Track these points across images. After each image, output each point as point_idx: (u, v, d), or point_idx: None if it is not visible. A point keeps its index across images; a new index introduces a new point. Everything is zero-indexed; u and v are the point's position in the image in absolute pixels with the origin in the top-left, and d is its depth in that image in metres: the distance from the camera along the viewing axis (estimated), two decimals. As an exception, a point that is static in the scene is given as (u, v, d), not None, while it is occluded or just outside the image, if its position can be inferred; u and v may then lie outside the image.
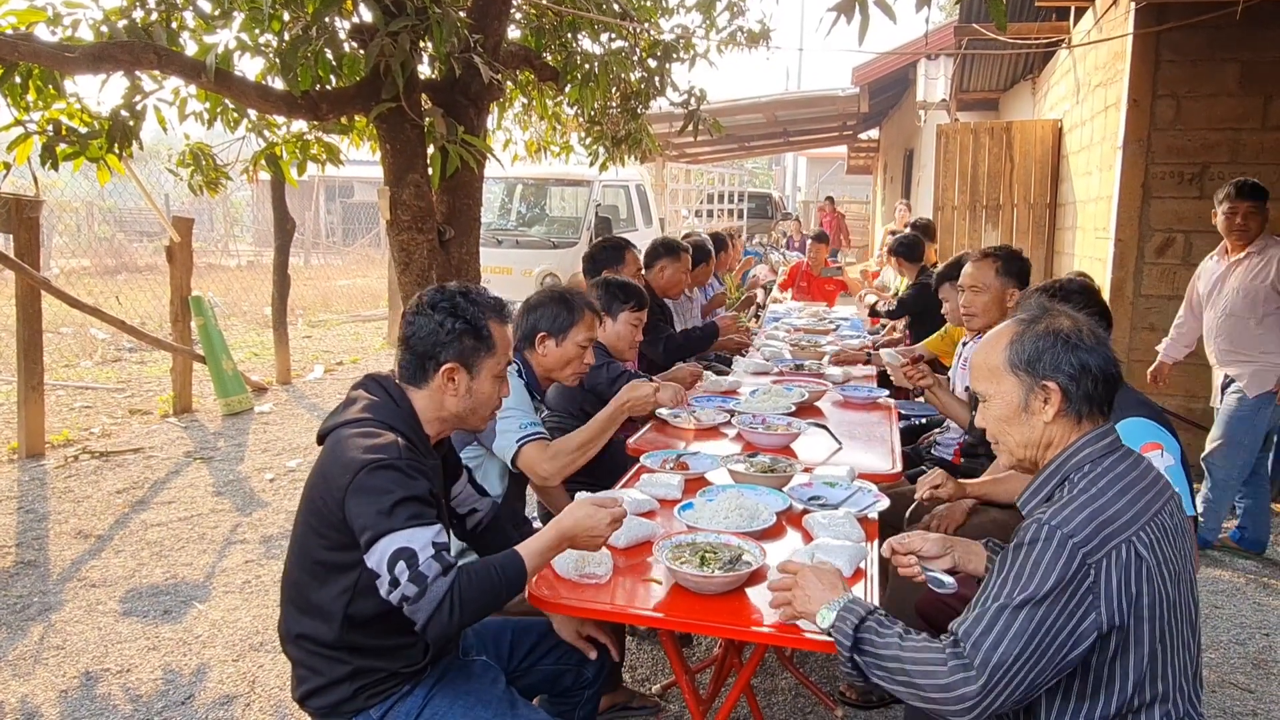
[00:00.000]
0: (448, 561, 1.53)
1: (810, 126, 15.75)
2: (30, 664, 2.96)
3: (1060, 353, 1.47)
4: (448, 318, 1.75)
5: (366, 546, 1.52)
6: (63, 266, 12.75)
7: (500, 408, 1.89)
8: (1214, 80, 4.69)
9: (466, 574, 1.54)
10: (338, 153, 4.37)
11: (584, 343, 2.56)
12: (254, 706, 2.72)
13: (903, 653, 1.37)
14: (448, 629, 1.51)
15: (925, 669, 1.34)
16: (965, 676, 1.31)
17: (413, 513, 1.53)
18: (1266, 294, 3.69)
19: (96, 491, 4.69)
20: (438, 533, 1.54)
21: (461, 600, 1.51)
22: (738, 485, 2.37)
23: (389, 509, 1.51)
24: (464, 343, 1.75)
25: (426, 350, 1.75)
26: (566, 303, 2.56)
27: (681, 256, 4.36)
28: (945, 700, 1.32)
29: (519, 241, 9.82)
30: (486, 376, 1.78)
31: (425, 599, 1.48)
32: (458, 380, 1.75)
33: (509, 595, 1.60)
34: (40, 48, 2.84)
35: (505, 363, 1.82)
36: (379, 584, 1.52)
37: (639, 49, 4.61)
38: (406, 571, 1.48)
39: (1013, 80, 9.33)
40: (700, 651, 3.05)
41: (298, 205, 13.69)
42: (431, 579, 1.49)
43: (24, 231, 5.17)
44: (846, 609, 1.46)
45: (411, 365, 1.77)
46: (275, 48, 3.42)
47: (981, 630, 1.33)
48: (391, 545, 1.50)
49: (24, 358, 5.21)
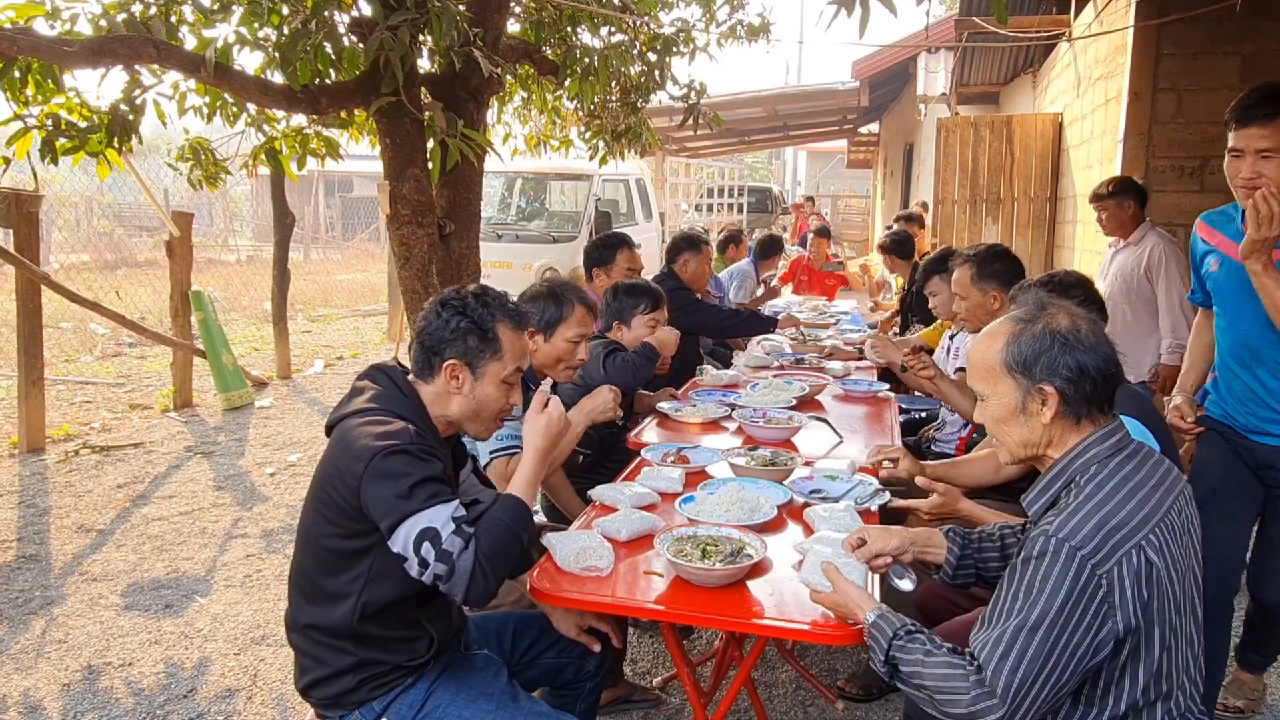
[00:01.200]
0: (467, 533, 1.55)
1: (810, 120, 15.73)
2: (32, 658, 2.97)
3: (1057, 354, 1.44)
4: (455, 315, 1.76)
5: (389, 532, 1.54)
6: (62, 261, 12.73)
7: (505, 419, 1.86)
8: (1215, 73, 4.68)
9: (482, 538, 1.56)
10: (337, 147, 4.36)
11: (575, 338, 2.54)
12: (255, 699, 2.73)
13: (924, 669, 1.38)
14: (486, 592, 1.56)
15: (949, 695, 1.35)
16: (989, 705, 1.31)
17: (431, 492, 1.55)
18: (1139, 281, 3.76)
19: (97, 486, 4.70)
20: (456, 508, 1.57)
21: (489, 561, 1.54)
22: (739, 479, 2.38)
23: (407, 491, 1.53)
24: (468, 342, 1.75)
25: (433, 345, 1.76)
26: (556, 298, 2.55)
27: (703, 249, 4.47)
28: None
29: (519, 236, 9.82)
30: (491, 380, 1.77)
31: (457, 574, 1.52)
32: (461, 379, 1.75)
33: (526, 535, 1.64)
34: (39, 42, 2.83)
35: (514, 370, 1.79)
36: (407, 566, 1.54)
37: (639, 43, 4.59)
38: (433, 551, 1.51)
39: (1013, 74, 9.31)
40: (701, 644, 3.06)
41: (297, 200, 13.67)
42: (457, 555, 1.52)
43: (24, 226, 5.16)
44: (882, 617, 1.48)
45: (420, 359, 1.79)
46: (274, 42, 3.40)
47: (1000, 655, 1.32)
48: (415, 527, 1.52)
49: (24, 353, 5.21)
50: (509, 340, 1.78)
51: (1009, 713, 1.30)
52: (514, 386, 1.81)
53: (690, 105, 4.62)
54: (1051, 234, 7.09)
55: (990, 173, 7.28)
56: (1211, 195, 4.69)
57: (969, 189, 7.40)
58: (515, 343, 1.80)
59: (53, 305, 7.22)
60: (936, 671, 1.36)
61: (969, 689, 1.32)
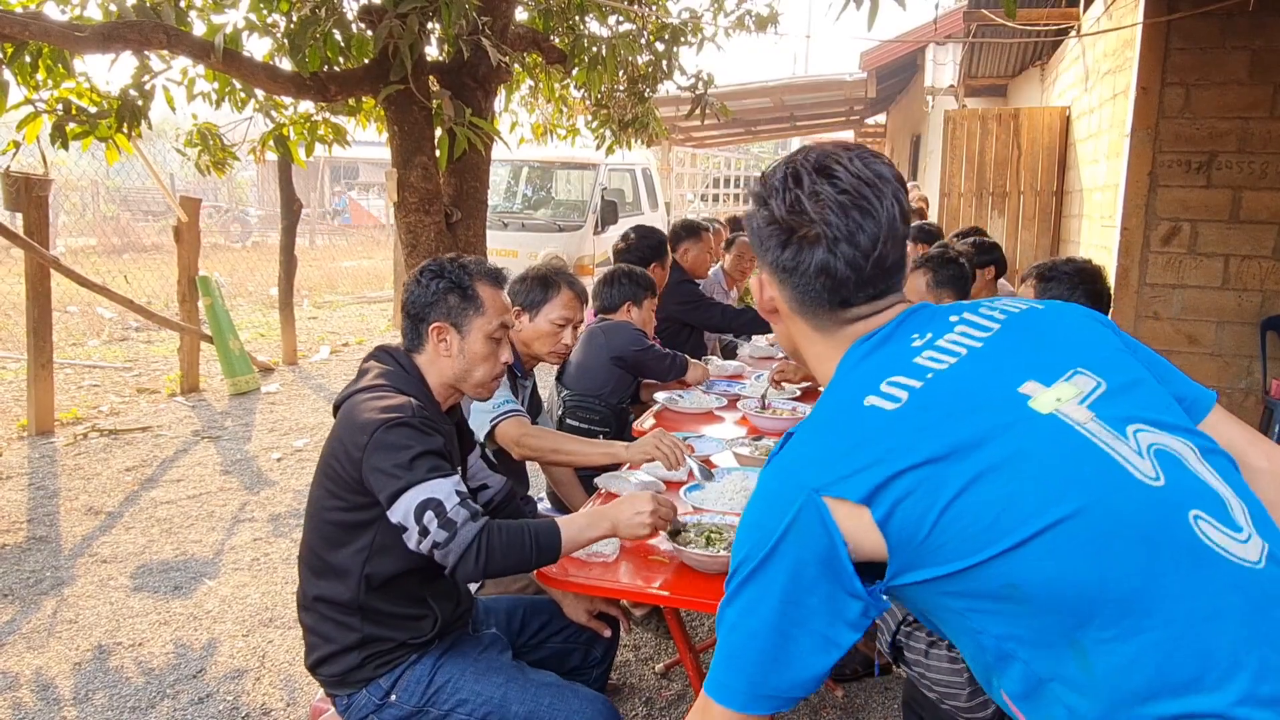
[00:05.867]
0: (474, 508, 1.57)
1: (817, 111, 15.66)
2: (44, 637, 3.01)
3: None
4: (433, 279, 1.80)
5: (390, 502, 1.55)
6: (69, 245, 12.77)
7: (502, 374, 1.89)
8: (1224, 68, 4.67)
9: (497, 528, 1.58)
10: (345, 134, 4.38)
11: (559, 320, 2.56)
12: (264, 680, 2.77)
13: (927, 660, 1.44)
14: (474, 573, 1.56)
15: (948, 690, 1.42)
16: (984, 700, 1.38)
17: (433, 465, 1.57)
18: None
19: (106, 469, 4.74)
20: (458, 482, 1.59)
21: (489, 548, 1.56)
22: (743, 468, 2.40)
23: (408, 463, 1.55)
24: (449, 301, 1.78)
25: (417, 313, 1.80)
26: (543, 280, 2.58)
27: (703, 236, 4.46)
28: (966, 713, 1.41)
29: (525, 224, 9.81)
30: (477, 336, 1.79)
31: (455, 541, 1.53)
32: (449, 340, 1.78)
33: (538, 560, 1.64)
34: (50, 27, 2.84)
35: (499, 325, 1.82)
36: (406, 538, 1.55)
37: (647, 32, 4.59)
38: (435, 520, 1.52)
39: (1022, 66, 9.27)
40: (704, 631, 3.09)
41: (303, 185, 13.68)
42: (461, 524, 1.54)
43: (33, 210, 5.19)
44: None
45: (409, 330, 1.82)
46: (284, 28, 3.42)
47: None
48: (418, 497, 1.53)
49: (34, 335, 5.25)
50: (489, 296, 1.82)
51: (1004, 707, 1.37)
52: (501, 342, 1.84)
53: (698, 95, 4.62)
54: (1057, 228, 7.08)
55: (997, 165, 7.27)
56: (1218, 190, 4.69)
57: (975, 182, 7.38)
58: (495, 299, 1.83)
59: (60, 289, 7.24)
60: (939, 665, 1.42)
61: (965, 684, 1.39)
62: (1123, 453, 0.89)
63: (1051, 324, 1.03)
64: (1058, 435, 0.90)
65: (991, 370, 0.95)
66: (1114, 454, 0.89)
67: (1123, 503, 0.86)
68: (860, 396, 0.96)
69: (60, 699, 2.65)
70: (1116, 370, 0.98)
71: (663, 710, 2.61)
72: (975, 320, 1.03)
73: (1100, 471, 0.88)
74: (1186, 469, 0.91)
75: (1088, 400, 0.93)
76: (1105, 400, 0.94)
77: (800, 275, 1.03)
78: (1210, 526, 0.86)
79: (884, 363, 0.99)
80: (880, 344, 1.02)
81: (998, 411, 0.91)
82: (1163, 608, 0.83)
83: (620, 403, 3.17)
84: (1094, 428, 0.91)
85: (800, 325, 1.09)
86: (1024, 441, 0.89)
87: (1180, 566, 0.84)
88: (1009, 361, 0.97)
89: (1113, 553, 0.84)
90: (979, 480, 0.87)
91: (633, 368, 3.19)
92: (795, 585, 0.92)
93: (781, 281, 1.06)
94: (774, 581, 0.92)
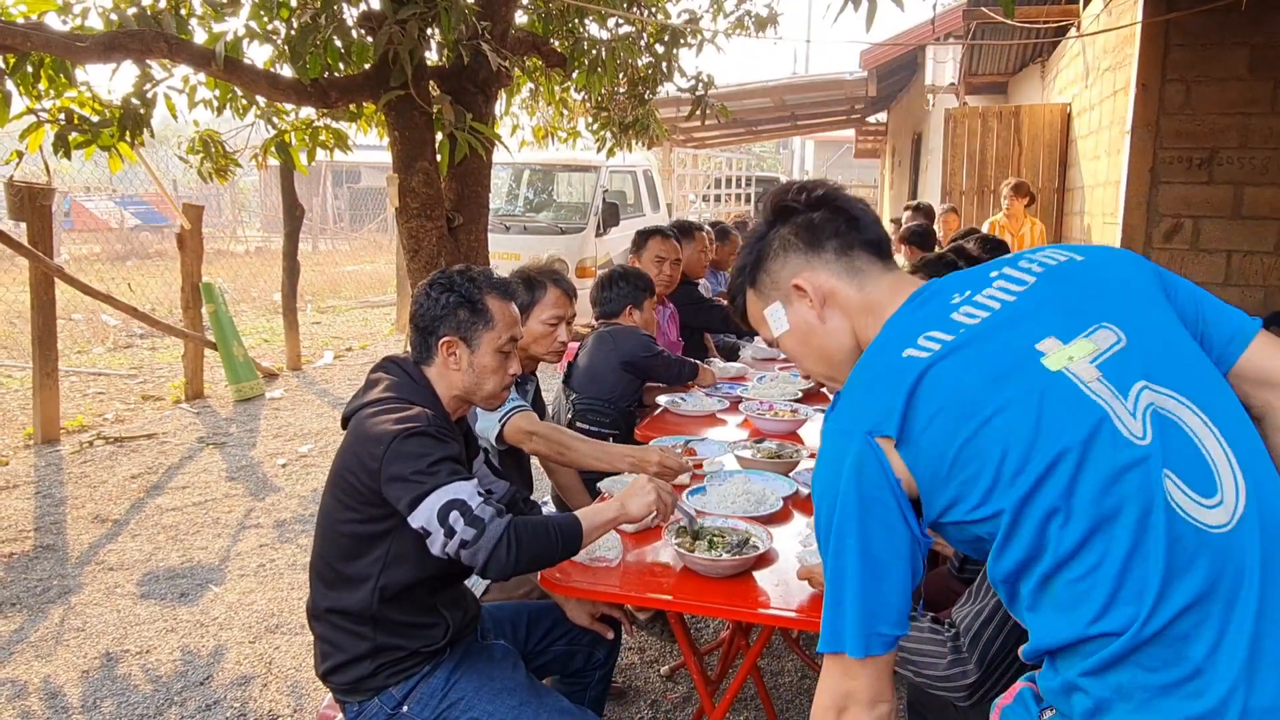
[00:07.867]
0: (498, 506, 1.59)
1: (818, 110, 15.66)
2: (52, 645, 3.02)
3: None
4: (443, 292, 1.79)
5: (411, 507, 1.55)
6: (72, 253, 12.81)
7: (511, 385, 1.89)
8: (1223, 65, 4.66)
9: (522, 522, 1.60)
10: (346, 139, 4.38)
11: (550, 320, 2.56)
12: (271, 687, 2.77)
13: (905, 639, 1.44)
14: (505, 568, 1.57)
15: (926, 659, 1.45)
16: (963, 670, 1.42)
17: (453, 469, 1.58)
18: None
19: (112, 477, 4.75)
20: (477, 484, 1.60)
21: (518, 541, 1.56)
22: (745, 471, 2.40)
23: (428, 468, 1.56)
24: (459, 315, 1.78)
25: (427, 326, 1.80)
26: (527, 282, 2.58)
27: (697, 236, 4.46)
28: (944, 685, 1.44)
29: (527, 227, 9.82)
30: (487, 350, 1.80)
31: (485, 538, 1.54)
32: (458, 354, 1.79)
33: (564, 551, 1.66)
34: (52, 37, 2.86)
35: (509, 338, 1.83)
36: (429, 542, 1.56)
37: (646, 34, 4.60)
38: (462, 519, 1.53)
39: (1022, 64, 9.26)
40: (708, 634, 3.09)
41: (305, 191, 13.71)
42: (489, 520, 1.55)
43: (37, 219, 5.21)
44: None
45: (419, 343, 1.82)
46: (284, 35, 3.43)
47: (979, 626, 1.42)
48: (441, 499, 1.54)
49: (38, 344, 5.26)
50: (499, 310, 1.82)
51: (982, 677, 1.41)
52: (510, 355, 1.85)
53: (698, 96, 4.63)
54: (1059, 225, 7.07)
55: (998, 163, 7.26)
56: (1219, 186, 4.69)
57: (976, 179, 7.38)
58: (505, 312, 1.83)
59: (65, 297, 7.27)
60: (919, 635, 1.47)
61: (945, 653, 1.43)
62: (1117, 412, 0.97)
63: (1087, 276, 1.09)
64: (1058, 391, 0.98)
65: (1016, 327, 1.04)
66: (1108, 411, 0.97)
67: (1099, 455, 0.95)
68: (900, 349, 1.06)
69: (69, 707, 2.67)
70: (1142, 324, 1.04)
71: (668, 713, 2.62)
72: (1013, 275, 1.11)
73: (1086, 427, 0.96)
74: (1180, 430, 0.97)
75: (1100, 359, 1.01)
76: (1119, 357, 1.01)
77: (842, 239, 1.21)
78: (1177, 489, 0.94)
79: (926, 318, 1.09)
80: (925, 301, 1.13)
81: (1011, 368, 1.00)
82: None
83: (628, 406, 3.18)
84: (1096, 386, 0.98)
85: (851, 297, 1.20)
86: (1027, 397, 0.98)
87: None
88: (1035, 317, 1.05)
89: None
90: (985, 426, 0.98)
91: (642, 373, 3.19)
92: (868, 517, 1.01)
93: (826, 263, 1.21)
94: (849, 519, 1.01)
